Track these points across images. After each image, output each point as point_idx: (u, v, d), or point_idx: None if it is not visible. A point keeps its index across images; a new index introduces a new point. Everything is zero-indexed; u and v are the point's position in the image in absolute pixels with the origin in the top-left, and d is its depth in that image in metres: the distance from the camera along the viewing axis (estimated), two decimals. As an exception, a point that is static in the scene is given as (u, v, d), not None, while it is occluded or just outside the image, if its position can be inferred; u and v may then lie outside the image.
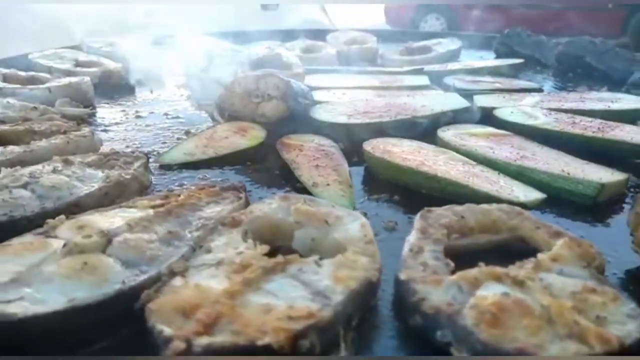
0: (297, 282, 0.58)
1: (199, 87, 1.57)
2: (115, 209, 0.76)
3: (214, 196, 0.80)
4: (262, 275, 0.59)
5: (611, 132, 1.11)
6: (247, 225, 0.73)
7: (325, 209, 0.77)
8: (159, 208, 0.75)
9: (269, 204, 0.79)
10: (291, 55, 1.61)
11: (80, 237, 0.63)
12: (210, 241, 0.68)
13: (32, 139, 1.08)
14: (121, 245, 0.63)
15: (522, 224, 0.76)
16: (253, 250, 0.65)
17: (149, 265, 0.62)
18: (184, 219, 0.73)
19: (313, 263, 0.62)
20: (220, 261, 0.63)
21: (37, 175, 0.83)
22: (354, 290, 0.58)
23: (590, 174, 0.94)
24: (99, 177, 0.88)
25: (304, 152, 1.08)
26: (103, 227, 0.68)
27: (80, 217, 0.72)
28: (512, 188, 0.90)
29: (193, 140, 1.15)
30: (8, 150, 0.98)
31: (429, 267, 0.63)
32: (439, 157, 1.04)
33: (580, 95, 1.42)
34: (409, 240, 0.70)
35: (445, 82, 1.63)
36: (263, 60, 1.50)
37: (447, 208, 0.79)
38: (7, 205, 0.75)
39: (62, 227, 0.69)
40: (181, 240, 0.67)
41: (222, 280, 0.58)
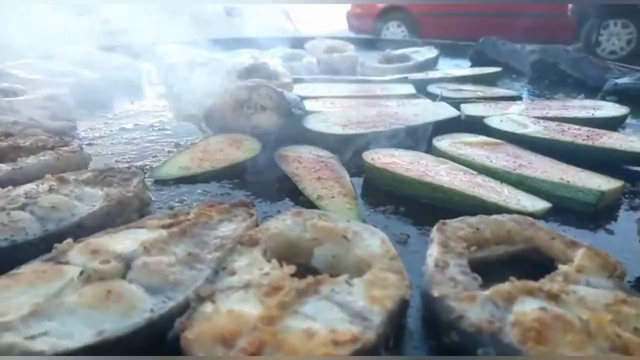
0: (332, 304, 0.57)
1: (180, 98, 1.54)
2: (123, 230, 0.73)
3: (225, 213, 0.78)
4: (296, 297, 0.57)
5: (600, 140, 1.14)
6: (265, 243, 0.71)
7: (342, 224, 0.75)
8: (171, 228, 0.72)
9: (283, 220, 0.77)
10: (277, 65, 1.59)
11: (98, 263, 0.60)
12: (231, 262, 0.66)
13: (18, 155, 1.02)
14: (142, 270, 0.61)
15: (537, 235, 0.77)
16: (279, 271, 0.63)
17: (174, 291, 0.59)
18: (199, 239, 0.70)
19: (344, 283, 0.61)
20: (248, 284, 0.60)
21: (33, 196, 0.79)
22: (391, 310, 0.57)
23: (588, 181, 0.96)
24: (98, 195, 0.84)
25: (304, 164, 1.06)
26: (118, 250, 0.64)
27: (89, 240, 0.68)
28: (518, 197, 0.91)
29: (187, 154, 1.12)
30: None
31: (459, 282, 0.63)
32: (439, 167, 1.04)
33: (563, 103, 1.46)
34: (431, 255, 0.70)
35: (429, 91, 1.65)
36: (249, 69, 1.48)
37: (460, 220, 0.79)
38: (7, 229, 0.71)
39: (73, 252, 0.65)
40: (202, 262, 0.65)
41: (255, 305, 0.56)
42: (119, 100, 1.59)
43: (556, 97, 1.68)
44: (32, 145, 1.05)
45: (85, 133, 1.30)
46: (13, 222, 0.72)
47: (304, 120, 1.25)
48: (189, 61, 1.80)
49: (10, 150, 1.03)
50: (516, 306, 0.58)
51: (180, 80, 1.60)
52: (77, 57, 1.82)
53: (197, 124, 1.37)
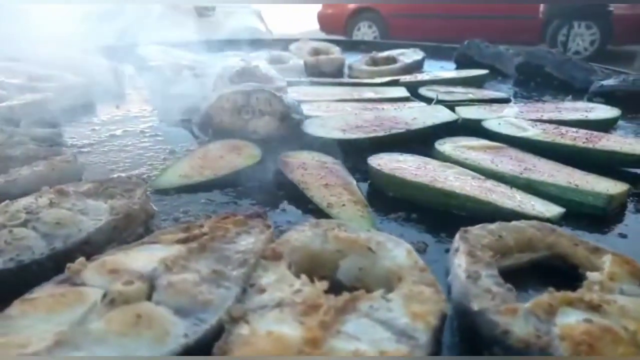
0: (373, 322, 0.55)
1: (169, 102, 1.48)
2: (137, 246, 0.69)
3: (241, 226, 0.75)
4: (335, 316, 0.54)
5: (599, 142, 1.16)
6: (289, 257, 0.68)
7: (364, 234, 0.73)
8: (188, 243, 0.68)
9: (302, 231, 0.75)
10: (269, 68, 1.55)
11: (121, 285, 0.56)
12: (258, 278, 0.63)
13: (7, 166, 0.97)
14: (168, 291, 0.57)
15: (559, 241, 0.76)
16: (311, 287, 0.60)
17: (205, 312, 0.56)
18: (220, 255, 0.67)
19: (381, 298, 0.59)
20: (281, 302, 0.58)
21: (34, 211, 0.74)
22: (435, 327, 0.55)
23: (596, 185, 0.97)
24: (102, 208, 0.80)
25: (309, 171, 1.04)
26: (138, 269, 0.61)
27: (103, 258, 0.64)
28: (531, 203, 0.90)
29: (186, 161, 1.08)
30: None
31: (496, 294, 0.61)
32: (446, 172, 1.03)
33: (555, 106, 1.47)
34: (460, 265, 0.68)
35: (421, 93, 1.64)
36: (241, 73, 1.44)
37: (481, 227, 0.78)
38: (11, 248, 0.66)
39: (88, 272, 0.61)
40: (228, 280, 0.61)
41: (293, 325, 0.53)
42: (103, 105, 1.53)
43: (544, 99, 1.70)
44: (22, 155, 0.99)
45: (72, 140, 1.24)
46: (17, 241, 0.67)
47: (302, 125, 1.22)
48: (173, 64, 1.75)
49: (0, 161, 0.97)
50: (559, 318, 0.57)
51: (167, 84, 1.54)
52: (56, 60, 1.74)
53: (190, 129, 1.32)
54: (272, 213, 0.94)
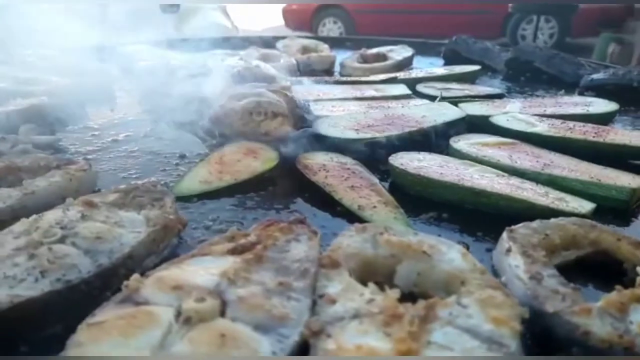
0: (458, 330, 0.54)
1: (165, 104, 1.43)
2: (188, 259, 0.66)
3: (288, 233, 0.72)
4: (421, 325, 0.53)
5: (609, 136, 1.18)
6: (346, 264, 0.67)
7: (415, 238, 0.72)
8: (242, 254, 0.66)
9: (350, 237, 0.73)
10: (270, 67, 1.52)
11: (193, 302, 0.54)
12: (324, 288, 0.61)
13: (18, 177, 0.92)
14: (241, 306, 0.55)
15: (602, 237, 0.77)
16: (384, 296, 0.59)
17: (284, 327, 0.53)
18: (278, 265, 0.64)
19: (456, 304, 0.58)
20: (357, 313, 0.56)
21: (68, 225, 0.70)
22: (520, 332, 0.54)
23: (616, 179, 0.98)
24: (138, 220, 0.76)
25: (331, 173, 1.02)
26: (201, 284, 0.58)
27: (160, 274, 0.61)
28: (564, 199, 0.91)
29: (203, 166, 1.05)
30: (2, 194, 0.81)
31: (565, 294, 0.61)
32: (469, 170, 1.03)
33: (555, 100, 1.50)
34: (518, 266, 0.68)
35: (418, 90, 1.64)
36: (243, 73, 1.40)
37: (524, 226, 0.78)
38: (56, 267, 0.62)
39: (148, 289, 0.58)
40: (295, 291, 0.59)
41: (380, 337, 0.52)
42: (96, 109, 1.47)
43: (537, 94, 1.73)
44: (33, 164, 0.94)
45: (75, 147, 1.18)
46: (60, 259, 0.63)
47: (315, 126, 1.20)
48: (165, 64, 1.69)
49: (9, 172, 0.92)
50: (632, 316, 0.57)
51: (162, 85, 1.49)
52: (38, 61, 1.66)
53: (193, 132, 1.28)
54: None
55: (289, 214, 0.92)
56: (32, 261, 0.62)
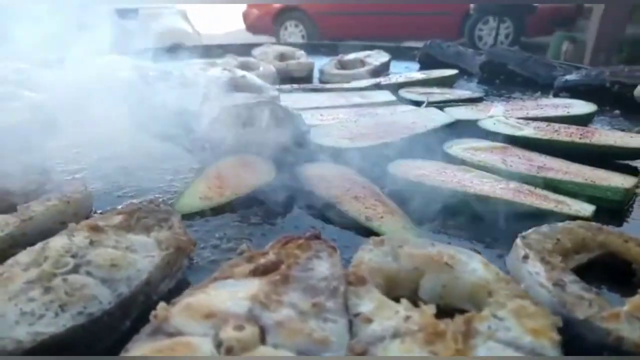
0: (500, 344, 0.54)
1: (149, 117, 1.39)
2: (211, 283, 0.63)
3: (308, 250, 0.71)
4: (464, 342, 0.53)
5: (594, 137, 1.22)
6: (372, 280, 0.66)
7: (433, 249, 0.72)
8: (269, 275, 0.64)
9: (370, 250, 0.73)
10: (255, 77, 1.50)
11: (233, 330, 0.52)
12: (355, 307, 0.61)
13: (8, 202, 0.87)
14: (281, 332, 0.53)
15: (610, 239, 0.79)
16: (418, 312, 0.58)
17: (327, 350, 0.52)
18: (306, 284, 0.63)
19: (492, 317, 0.58)
20: (397, 332, 0.55)
21: (78, 253, 0.67)
22: (559, 342, 0.55)
23: (609, 180, 1.01)
24: (148, 243, 0.73)
25: (333, 184, 1.01)
26: (232, 310, 0.56)
27: (185, 301, 0.58)
28: (565, 202, 0.93)
29: (201, 182, 1.02)
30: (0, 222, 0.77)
31: (591, 300, 0.62)
32: (466, 175, 1.04)
33: (536, 103, 1.53)
34: (538, 273, 0.69)
35: (401, 95, 1.66)
36: (230, 84, 1.38)
37: (535, 232, 0.79)
38: (75, 300, 0.59)
39: (177, 319, 0.55)
40: (329, 312, 0.58)
41: (424, 357, 0.52)
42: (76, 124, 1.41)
43: (514, 96, 1.77)
44: (24, 188, 0.89)
45: (60, 166, 1.13)
46: (77, 291, 0.60)
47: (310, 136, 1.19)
48: (142, 76, 1.65)
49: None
50: (659, 319, 0.59)
51: (144, 97, 1.45)
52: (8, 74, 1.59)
53: (183, 145, 1.25)
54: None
55: (295, 229, 0.91)
56: (48, 295, 0.59)
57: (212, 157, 1.14)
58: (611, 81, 1.66)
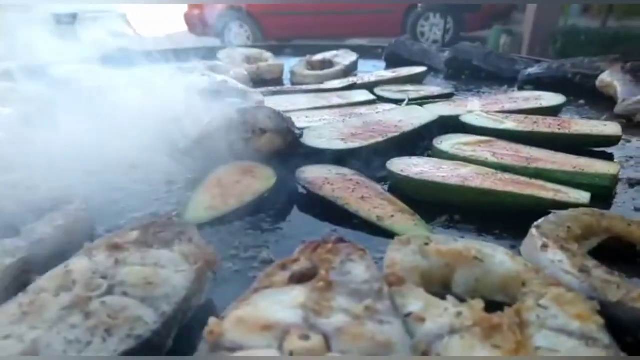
0: (553, 332, 0.56)
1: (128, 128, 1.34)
2: (253, 295, 0.62)
3: (338, 254, 0.71)
4: (522, 333, 0.55)
5: (572, 127, 1.28)
6: (410, 279, 0.67)
7: (459, 244, 0.74)
8: (312, 282, 0.64)
9: (398, 250, 0.74)
10: (236, 82, 1.48)
11: (300, 340, 0.51)
12: (404, 307, 0.61)
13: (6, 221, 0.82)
14: (344, 338, 0.53)
15: (614, 223, 0.83)
16: (467, 308, 0.60)
17: (392, 352, 0.53)
18: (348, 288, 0.63)
19: (537, 307, 0.60)
20: (453, 329, 0.57)
21: (108, 274, 0.64)
22: (603, 324, 0.58)
23: (595, 167, 1.07)
24: (174, 258, 0.71)
25: (337, 186, 1.02)
26: (287, 320, 0.56)
27: (235, 314, 0.57)
28: (561, 191, 0.97)
29: (203, 192, 1.00)
30: (8, 247, 0.73)
31: (616, 283, 0.66)
32: (464, 170, 1.07)
33: (508, 97, 1.59)
34: (561, 261, 0.72)
35: (377, 94, 1.68)
36: (212, 90, 1.35)
37: (545, 221, 0.83)
38: (120, 323, 0.56)
39: (233, 333, 0.54)
40: (382, 314, 0.59)
41: (490, 351, 0.53)
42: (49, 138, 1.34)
43: (483, 91, 1.83)
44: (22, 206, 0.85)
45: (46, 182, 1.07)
46: (120, 313, 0.58)
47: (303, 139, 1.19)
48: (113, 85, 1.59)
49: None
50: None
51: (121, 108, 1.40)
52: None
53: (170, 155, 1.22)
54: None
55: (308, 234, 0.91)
56: (90, 320, 0.56)
57: (206, 165, 1.11)
58: (573, 72, 1.74)
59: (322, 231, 0.92)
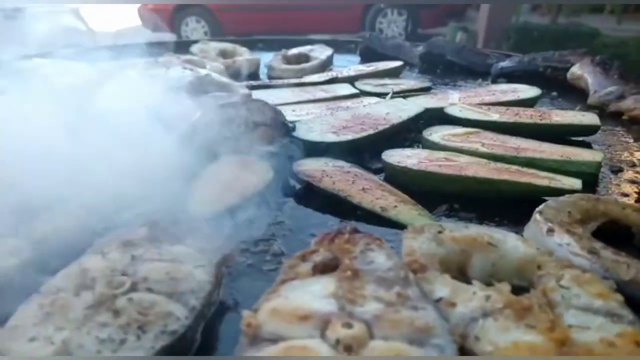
0: (579, 310, 0.58)
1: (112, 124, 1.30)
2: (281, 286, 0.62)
3: (356, 244, 0.72)
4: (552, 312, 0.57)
5: (553, 118, 1.32)
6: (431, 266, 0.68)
7: (471, 231, 0.76)
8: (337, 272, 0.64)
9: (414, 238, 0.75)
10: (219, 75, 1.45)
11: (343, 328, 0.52)
12: (432, 292, 0.62)
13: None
14: (384, 325, 0.54)
15: (610, 207, 0.87)
16: (494, 291, 0.61)
17: (434, 337, 0.53)
18: (374, 276, 0.64)
19: (560, 288, 0.62)
20: (485, 312, 0.58)
21: (129, 271, 0.62)
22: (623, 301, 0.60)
23: (580, 155, 1.11)
24: (191, 253, 0.70)
25: (336, 178, 1.02)
26: (327, 309, 0.56)
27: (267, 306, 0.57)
28: (554, 178, 1.01)
29: (202, 187, 0.98)
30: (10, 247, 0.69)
31: (626, 263, 0.69)
32: (459, 160, 1.09)
33: (487, 89, 1.63)
34: (570, 244, 0.74)
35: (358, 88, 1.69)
36: (195, 84, 1.32)
37: (546, 206, 0.85)
38: (152, 319, 0.55)
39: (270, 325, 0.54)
40: (413, 301, 0.59)
41: (526, 331, 0.54)
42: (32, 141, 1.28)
43: (459, 84, 1.87)
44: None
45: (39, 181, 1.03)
46: (149, 309, 0.56)
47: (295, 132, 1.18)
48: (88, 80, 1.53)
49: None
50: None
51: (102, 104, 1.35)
52: None
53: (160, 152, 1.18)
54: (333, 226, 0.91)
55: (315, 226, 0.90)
56: (120, 318, 0.54)
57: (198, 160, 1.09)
58: (544, 66, 1.81)
59: (326, 223, 0.92)
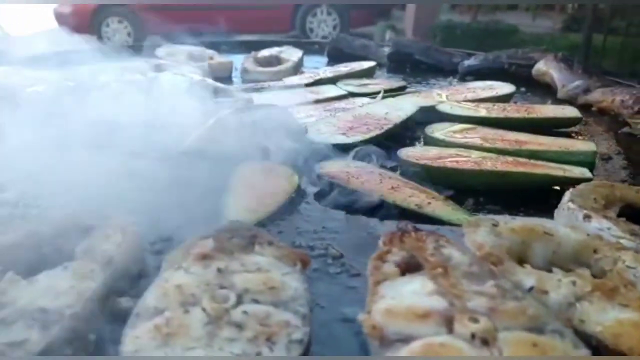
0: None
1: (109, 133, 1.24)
2: (374, 287, 0.63)
3: (425, 242, 0.74)
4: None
5: (538, 112, 1.41)
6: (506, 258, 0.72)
7: (524, 222, 0.80)
8: (425, 270, 0.66)
9: (474, 232, 0.78)
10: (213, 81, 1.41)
11: (472, 324, 0.53)
12: (518, 283, 0.66)
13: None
14: (502, 317, 0.56)
15: (625, 192, 0.95)
16: (576, 277, 0.66)
17: (547, 324, 0.56)
18: (461, 271, 0.66)
19: (627, 268, 0.68)
20: (577, 296, 0.62)
21: (223, 284, 0.61)
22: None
23: (576, 146, 1.20)
24: (270, 261, 0.68)
25: (363, 178, 1.03)
26: (443, 307, 0.58)
27: (380, 307, 0.58)
28: (565, 168, 1.07)
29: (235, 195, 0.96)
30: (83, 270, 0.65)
31: (664, 245, 0.76)
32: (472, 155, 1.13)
33: (466, 87, 1.71)
34: (610, 229, 0.80)
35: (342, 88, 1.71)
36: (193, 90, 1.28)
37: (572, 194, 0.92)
38: (275, 330, 0.54)
39: (393, 326, 0.55)
40: (510, 292, 0.62)
41: (623, 310, 0.59)
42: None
43: (431, 83, 1.94)
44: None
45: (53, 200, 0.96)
46: (268, 320, 0.55)
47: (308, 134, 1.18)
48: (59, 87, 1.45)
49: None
50: None
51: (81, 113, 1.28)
52: None
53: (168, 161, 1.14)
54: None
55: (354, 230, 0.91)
56: (245, 331, 0.53)
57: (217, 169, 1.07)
58: (508, 63, 1.91)
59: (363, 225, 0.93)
